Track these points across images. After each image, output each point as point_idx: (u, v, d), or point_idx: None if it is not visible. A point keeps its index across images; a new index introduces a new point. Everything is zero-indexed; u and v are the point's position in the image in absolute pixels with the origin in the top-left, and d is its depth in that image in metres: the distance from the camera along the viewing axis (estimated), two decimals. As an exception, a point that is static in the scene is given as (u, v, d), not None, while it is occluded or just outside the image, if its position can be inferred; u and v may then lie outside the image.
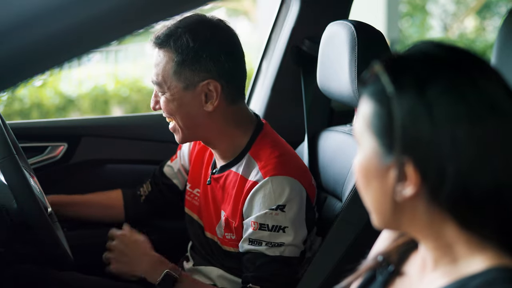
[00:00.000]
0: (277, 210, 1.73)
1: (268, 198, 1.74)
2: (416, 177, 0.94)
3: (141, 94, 6.91)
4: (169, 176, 2.14)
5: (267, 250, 1.74)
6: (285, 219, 1.74)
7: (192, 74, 1.77)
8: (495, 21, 10.06)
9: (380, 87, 0.97)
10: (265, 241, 1.74)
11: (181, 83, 1.78)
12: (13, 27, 0.94)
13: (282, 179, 1.75)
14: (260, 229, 1.74)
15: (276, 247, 1.74)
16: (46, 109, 6.41)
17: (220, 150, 1.87)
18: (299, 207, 1.76)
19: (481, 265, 0.93)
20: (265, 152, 1.81)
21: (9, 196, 1.66)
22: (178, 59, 1.77)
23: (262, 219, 1.74)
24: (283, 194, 1.74)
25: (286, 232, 1.74)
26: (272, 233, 1.74)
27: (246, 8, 10.38)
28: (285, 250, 1.75)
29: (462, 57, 0.98)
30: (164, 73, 1.79)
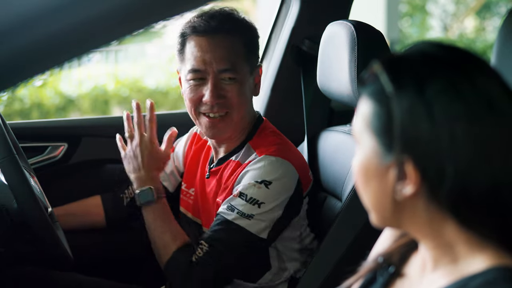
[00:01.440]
0: (261, 184, 1.73)
1: (257, 171, 1.75)
2: (416, 176, 0.94)
3: (141, 94, 6.91)
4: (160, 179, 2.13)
5: (235, 219, 1.73)
6: (266, 195, 1.73)
7: (255, 59, 1.85)
8: (495, 21, 10.06)
9: (379, 87, 0.97)
10: (237, 209, 1.73)
11: (248, 68, 1.82)
12: (13, 27, 0.94)
13: (276, 159, 1.76)
14: (239, 197, 1.74)
15: (244, 218, 1.73)
16: (46, 109, 6.41)
17: (230, 142, 1.88)
18: (285, 190, 1.75)
19: (481, 264, 0.93)
20: (264, 141, 1.83)
21: (9, 196, 1.65)
22: (245, 43, 1.81)
23: (244, 188, 1.74)
24: (273, 172, 1.74)
25: (261, 207, 1.73)
26: (248, 204, 1.73)
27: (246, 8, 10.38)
28: (252, 225, 1.73)
29: (461, 57, 0.98)
30: (237, 57, 1.79)
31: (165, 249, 1.80)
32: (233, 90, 1.78)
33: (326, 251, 1.80)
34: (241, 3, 9.94)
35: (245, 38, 1.82)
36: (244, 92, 1.81)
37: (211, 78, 1.77)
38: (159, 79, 7.29)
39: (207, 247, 1.75)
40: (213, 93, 1.77)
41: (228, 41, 1.78)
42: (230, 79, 1.78)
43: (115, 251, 2.19)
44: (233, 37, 1.79)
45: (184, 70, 1.82)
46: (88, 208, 2.15)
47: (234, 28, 1.79)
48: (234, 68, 1.78)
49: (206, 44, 1.77)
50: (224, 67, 1.77)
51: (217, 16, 1.79)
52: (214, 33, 1.77)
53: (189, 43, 1.80)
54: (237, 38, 1.79)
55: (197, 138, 2.06)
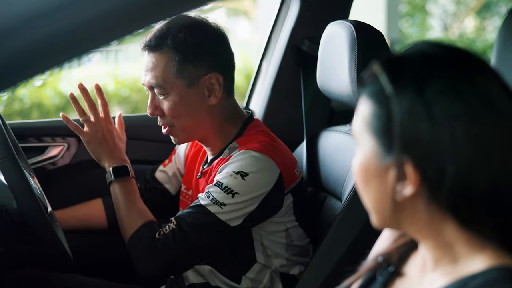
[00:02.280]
0: (237, 174, 1.74)
1: (236, 164, 1.76)
2: (416, 177, 0.94)
3: (141, 94, 6.91)
4: (162, 181, 2.16)
5: (207, 204, 1.75)
6: (241, 186, 1.74)
7: (195, 69, 1.81)
8: (495, 21, 10.06)
9: (379, 87, 0.97)
10: (212, 196, 1.75)
11: (185, 81, 1.81)
12: (13, 27, 0.94)
13: (257, 154, 1.77)
14: (215, 185, 1.77)
15: (217, 205, 1.75)
16: (46, 109, 6.41)
17: (214, 145, 1.89)
18: (262, 184, 1.76)
19: (481, 264, 0.94)
20: (251, 139, 1.84)
21: (9, 196, 1.65)
22: (179, 57, 1.79)
23: (221, 177, 1.76)
24: (251, 165, 1.75)
25: (234, 197, 1.74)
26: (222, 192, 1.75)
27: (246, 8, 10.38)
28: (223, 213, 1.75)
29: (460, 57, 0.98)
30: (165, 73, 1.80)
31: (131, 224, 1.84)
32: (166, 105, 1.82)
33: (326, 251, 1.80)
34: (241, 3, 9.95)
35: (181, 51, 1.79)
36: (180, 107, 1.81)
37: (149, 93, 1.86)
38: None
39: (174, 225, 1.78)
40: (149, 105, 1.86)
41: (158, 57, 1.81)
42: (161, 95, 1.83)
43: (116, 252, 2.19)
44: (164, 52, 1.80)
45: None
46: (90, 211, 2.17)
47: (165, 43, 1.79)
48: (160, 85, 1.81)
49: (145, 59, 1.85)
50: (151, 83, 1.83)
51: (157, 30, 1.82)
52: (148, 49, 1.83)
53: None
54: (168, 53, 1.80)
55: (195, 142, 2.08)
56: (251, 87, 2.57)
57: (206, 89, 1.83)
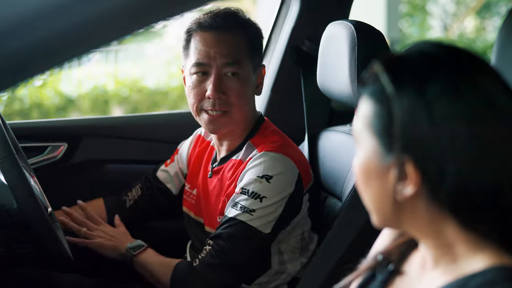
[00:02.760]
0: (262, 178, 1.74)
1: (258, 167, 1.76)
2: (416, 176, 0.94)
3: (141, 94, 6.91)
4: (163, 180, 2.14)
5: (237, 214, 1.74)
6: (268, 189, 1.74)
7: (259, 58, 1.88)
8: (495, 21, 10.05)
9: (379, 87, 0.97)
10: (240, 205, 1.74)
11: (251, 65, 1.84)
12: (13, 27, 0.94)
13: (277, 155, 1.78)
14: (241, 193, 1.76)
15: (247, 213, 1.73)
16: (46, 109, 6.40)
17: (233, 141, 1.89)
18: (287, 185, 1.76)
19: (481, 264, 0.94)
20: (266, 140, 1.85)
21: (9, 196, 1.65)
22: (251, 42, 1.84)
23: (246, 184, 1.76)
24: (274, 167, 1.75)
25: (263, 201, 1.74)
26: (250, 198, 1.74)
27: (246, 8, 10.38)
28: (254, 219, 1.74)
29: (461, 57, 0.98)
30: (242, 52, 1.82)
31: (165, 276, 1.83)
32: (235, 86, 1.81)
33: (326, 251, 1.80)
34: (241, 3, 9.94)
35: (250, 36, 1.85)
36: (246, 89, 1.83)
37: (215, 71, 1.80)
38: (159, 79, 7.29)
39: (210, 245, 1.76)
40: (216, 86, 1.79)
41: (233, 37, 1.82)
42: (233, 74, 1.81)
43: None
44: (237, 34, 1.82)
45: (188, 65, 1.85)
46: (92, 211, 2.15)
47: (239, 26, 1.83)
48: (238, 63, 1.81)
49: (211, 38, 1.81)
50: (228, 60, 1.80)
51: (222, 14, 1.84)
52: (219, 29, 1.81)
53: (194, 39, 1.84)
54: (241, 35, 1.83)
55: (201, 140, 2.07)
56: (251, 87, 2.57)
57: (257, 78, 1.88)
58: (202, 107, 1.83)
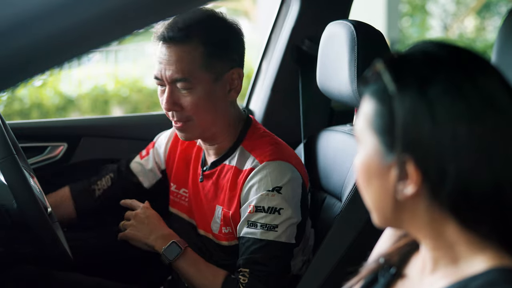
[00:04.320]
0: (273, 191, 1.73)
1: (265, 181, 1.75)
2: (417, 176, 0.94)
3: (141, 94, 6.91)
4: (136, 173, 2.08)
5: (262, 234, 1.73)
6: (282, 200, 1.74)
7: (222, 64, 1.78)
8: (495, 21, 10.05)
9: (382, 86, 0.97)
10: (260, 223, 1.73)
11: (211, 75, 1.77)
12: (13, 27, 0.93)
13: (278, 163, 1.76)
14: (257, 211, 1.74)
15: (271, 231, 1.73)
16: (46, 109, 6.40)
17: (218, 145, 1.87)
18: (295, 191, 1.77)
19: (482, 265, 0.93)
20: (258, 143, 1.83)
21: (9, 196, 1.65)
22: (207, 51, 1.75)
23: (258, 201, 1.74)
24: (279, 177, 1.75)
25: (281, 213, 1.73)
26: (268, 214, 1.73)
27: (246, 8, 10.37)
28: (280, 235, 1.73)
29: (463, 56, 0.98)
30: (193, 67, 1.74)
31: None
32: (188, 100, 1.76)
33: (326, 251, 1.79)
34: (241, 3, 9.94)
35: (209, 44, 1.75)
36: (204, 102, 1.76)
37: (167, 86, 1.77)
38: (158, 84, 7.27)
39: (248, 272, 1.74)
40: (167, 101, 1.77)
41: (183, 51, 1.74)
42: (184, 89, 1.76)
43: (115, 251, 2.19)
44: (191, 45, 1.74)
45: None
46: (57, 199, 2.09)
47: (194, 36, 1.74)
48: (187, 79, 1.74)
49: (163, 52, 1.76)
50: (176, 77, 1.75)
51: (179, 23, 1.75)
52: (171, 42, 1.75)
53: (156, 49, 1.80)
54: (196, 46, 1.74)
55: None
56: (251, 87, 2.57)
57: (228, 84, 1.80)
58: (169, 117, 1.83)
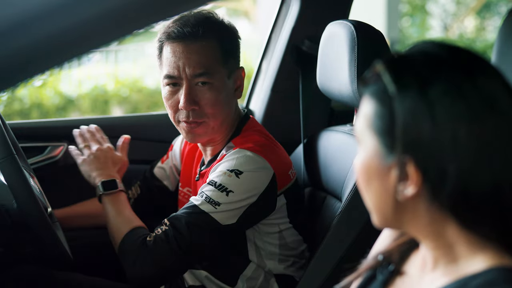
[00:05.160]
0: (231, 172, 1.73)
1: (230, 162, 1.75)
2: (417, 177, 0.94)
3: (141, 94, 6.91)
4: (160, 178, 2.15)
5: (201, 204, 1.73)
6: (236, 184, 1.72)
7: (234, 61, 1.84)
8: (495, 21, 10.05)
9: (381, 87, 0.97)
10: (206, 195, 1.73)
11: (225, 71, 1.80)
12: (13, 27, 0.93)
13: (252, 154, 1.76)
14: (209, 184, 1.75)
15: (209, 204, 1.72)
16: (46, 109, 6.41)
17: (217, 145, 1.88)
18: (257, 184, 1.74)
19: (481, 264, 0.93)
20: (247, 140, 1.83)
21: (9, 196, 1.65)
22: (223, 47, 1.80)
23: (215, 176, 1.75)
24: (245, 164, 1.74)
25: (229, 196, 1.72)
26: (215, 190, 1.73)
27: (246, 8, 10.37)
28: (217, 213, 1.72)
29: (463, 57, 0.98)
30: (212, 61, 1.78)
31: (118, 233, 1.82)
32: (208, 96, 1.77)
33: (326, 251, 1.80)
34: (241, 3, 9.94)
35: (221, 41, 1.80)
36: (220, 97, 1.79)
37: (185, 83, 1.78)
38: (159, 79, 7.27)
39: (166, 226, 1.74)
40: (187, 99, 1.77)
41: (202, 46, 1.77)
42: (204, 84, 1.77)
43: (115, 251, 2.19)
44: (207, 41, 1.77)
45: (161, 76, 1.84)
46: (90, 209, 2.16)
47: (208, 32, 1.78)
48: (209, 73, 1.77)
49: (179, 49, 1.78)
50: (197, 71, 1.77)
51: (191, 21, 1.78)
52: (187, 39, 1.77)
53: (165, 49, 1.81)
54: (212, 42, 1.78)
55: None
56: (251, 87, 2.57)
57: (235, 82, 1.84)
58: (178, 118, 1.82)
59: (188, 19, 1.79)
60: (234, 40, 1.85)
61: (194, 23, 1.77)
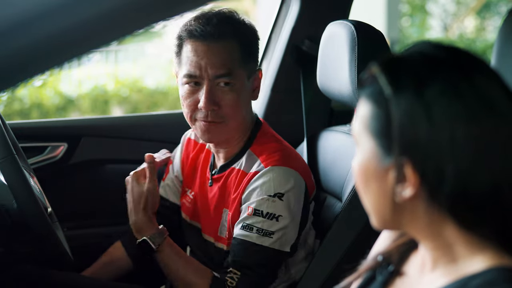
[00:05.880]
0: (274, 197, 1.72)
1: (267, 185, 1.73)
2: (415, 178, 0.94)
3: (141, 94, 6.91)
4: (165, 196, 2.07)
5: (257, 239, 1.71)
6: (282, 207, 1.72)
7: (254, 62, 1.82)
8: (495, 21, 10.05)
9: (378, 89, 0.97)
10: (256, 227, 1.71)
11: (246, 72, 1.79)
12: (13, 27, 0.93)
13: (284, 169, 1.75)
14: (255, 215, 1.72)
15: (266, 236, 1.71)
16: (46, 109, 6.41)
17: (231, 148, 1.85)
18: (298, 200, 1.75)
19: (481, 265, 0.93)
20: (266, 148, 1.81)
21: (9, 196, 1.65)
22: (242, 49, 1.77)
23: (258, 204, 1.72)
24: (283, 183, 1.73)
25: (279, 221, 1.72)
26: (266, 220, 1.71)
27: (246, 8, 10.37)
28: (275, 242, 1.72)
29: (460, 58, 0.98)
30: (234, 62, 1.76)
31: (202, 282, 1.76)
32: (229, 97, 1.75)
33: (326, 251, 1.80)
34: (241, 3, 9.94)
35: (243, 42, 1.78)
36: (241, 98, 1.77)
37: (206, 83, 1.74)
38: (159, 79, 7.29)
39: (238, 275, 1.72)
40: (208, 99, 1.74)
41: (225, 46, 1.75)
42: (226, 85, 1.74)
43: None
44: (229, 41, 1.75)
45: (180, 74, 1.80)
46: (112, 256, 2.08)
47: (230, 32, 1.76)
48: (230, 74, 1.74)
49: (201, 49, 1.74)
50: (220, 72, 1.74)
51: (214, 19, 1.75)
52: (210, 38, 1.74)
53: (186, 47, 1.77)
54: (233, 42, 1.76)
55: (193, 143, 2.02)
56: (251, 87, 2.57)
57: (252, 84, 1.83)
58: (196, 117, 1.79)
59: (211, 17, 1.76)
60: (254, 41, 1.84)
61: (216, 22, 1.75)
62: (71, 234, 2.04)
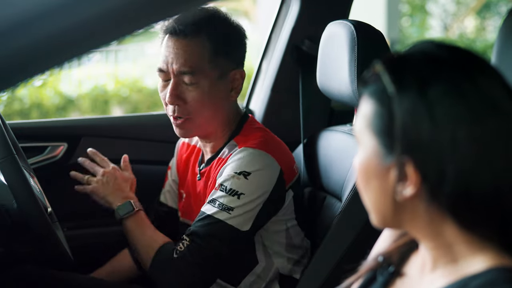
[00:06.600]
0: (240, 175, 1.73)
1: (236, 163, 1.74)
2: (416, 177, 0.94)
3: (141, 94, 6.91)
4: (165, 202, 2.10)
5: (216, 213, 1.73)
6: (245, 186, 1.72)
7: (226, 62, 1.80)
8: (495, 21, 10.05)
9: (381, 87, 0.97)
10: (218, 202, 1.73)
11: (216, 72, 1.78)
12: (13, 27, 0.93)
13: (257, 151, 1.76)
14: (220, 190, 1.74)
15: (225, 211, 1.72)
16: (46, 109, 6.40)
17: (215, 143, 1.87)
18: (266, 182, 1.75)
19: (481, 265, 0.93)
20: (250, 137, 1.82)
21: (9, 196, 1.65)
22: (213, 47, 1.77)
23: (224, 180, 1.74)
24: (252, 163, 1.73)
25: (240, 198, 1.72)
26: (227, 195, 1.72)
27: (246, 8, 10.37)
28: (232, 218, 1.72)
29: (463, 57, 0.98)
30: (200, 61, 1.76)
31: (147, 253, 1.81)
32: (193, 95, 1.77)
33: (326, 251, 1.80)
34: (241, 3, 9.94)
35: (215, 41, 1.77)
36: (207, 98, 1.77)
37: (172, 79, 1.78)
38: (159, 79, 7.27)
39: (187, 241, 1.74)
40: (171, 94, 1.77)
41: (192, 44, 1.76)
42: (191, 84, 1.76)
43: (115, 251, 2.19)
44: (199, 39, 1.76)
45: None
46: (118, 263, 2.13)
47: (202, 30, 1.76)
48: (194, 72, 1.75)
49: (170, 44, 1.78)
50: (183, 69, 1.76)
51: (189, 18, 1.77)
52: (180, 34, 1.76)
53: (162, 42, 1.82)
54: (204, 40, 1.76)
55: (186, 146, 2.05)
56: (251, 87, 2.57)
57: (230, 83, 1.81)
58: (168, 112, 1.83)
59: (186, 16, 1.77)
60: (232, 40, 1.82)
61: (190, 19, 1.76)
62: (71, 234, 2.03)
